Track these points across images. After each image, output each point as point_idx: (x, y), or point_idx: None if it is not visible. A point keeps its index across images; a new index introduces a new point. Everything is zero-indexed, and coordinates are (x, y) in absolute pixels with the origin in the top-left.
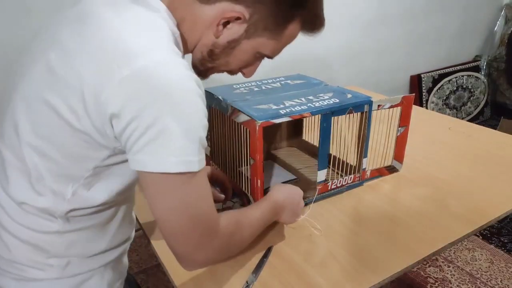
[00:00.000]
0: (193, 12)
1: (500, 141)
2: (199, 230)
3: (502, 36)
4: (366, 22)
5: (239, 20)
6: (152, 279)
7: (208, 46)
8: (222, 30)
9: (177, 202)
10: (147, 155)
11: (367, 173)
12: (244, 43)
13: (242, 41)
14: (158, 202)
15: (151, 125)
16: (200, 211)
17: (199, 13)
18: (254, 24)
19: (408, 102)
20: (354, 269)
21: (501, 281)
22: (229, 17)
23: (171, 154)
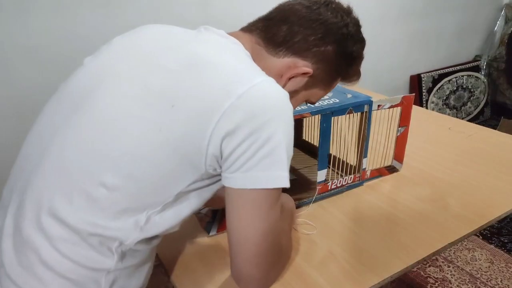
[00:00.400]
0: (260, 59)
1: (500, 141)
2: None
3: (502, 36)
4: (366, 22)
5: (304, 74)
6: (153, 279)
7: None
8: (287, 82)
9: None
10: (261, 171)
11: (367, 173)
12: (301, 93)
13: (301, 92)
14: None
15: (267, 140)
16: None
17: (267, 63)
18: (314, 77)
19: (408, 102)
20: (354, 269)
21: (501, 281)
22: (297, 73)
23: (282, 169)
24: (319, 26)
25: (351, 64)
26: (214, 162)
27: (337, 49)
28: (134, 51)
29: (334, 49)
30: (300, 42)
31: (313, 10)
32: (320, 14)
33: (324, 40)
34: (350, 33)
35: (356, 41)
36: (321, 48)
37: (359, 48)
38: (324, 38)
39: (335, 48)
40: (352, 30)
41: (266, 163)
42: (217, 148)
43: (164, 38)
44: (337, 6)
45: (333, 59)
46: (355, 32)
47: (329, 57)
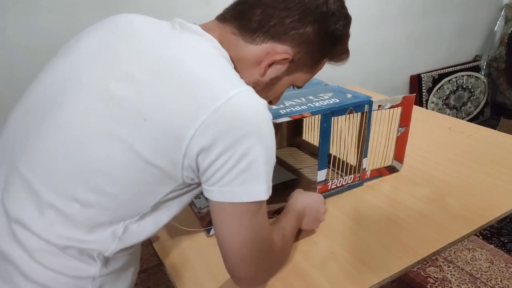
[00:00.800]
0: (237, 49)
1: (500, 141)
2: (262, 254)
3: (502, 36)
4: (366, 22)
5: (284, 60)
6: (153, 279)
7: (250, 83)
8: (267, 69)
9: (251, 230)
10: (237, 186)
11: (367, 173)
12: (284, 79)
13: (283, 78)
14: (234, 232)
15: (244, 155)
16: (265, 235)
17: (243, 52)
18: (296, 61)
19: (408, 102)
20: (354, 269)
21: (501, 281)
22: (276, 59)
23: (259, 183)
24: (295, 6)
25: (335, 43)
26: (191, 173)
27: (318, 29)
28: (100, 52)
29: (314, 30)
30: (276, 26)
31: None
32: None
33: (302, 21)
34: (331, 10)
35: (338, 18)
36: (299, 30)
37: (343, 25)
38: (302, 19)
39: (315, 29)
40: (332, 7)
41: (242, 178)
42: (193, 162)
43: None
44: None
45: (315, 40)
46: (337, 8)
47: (310, 39)
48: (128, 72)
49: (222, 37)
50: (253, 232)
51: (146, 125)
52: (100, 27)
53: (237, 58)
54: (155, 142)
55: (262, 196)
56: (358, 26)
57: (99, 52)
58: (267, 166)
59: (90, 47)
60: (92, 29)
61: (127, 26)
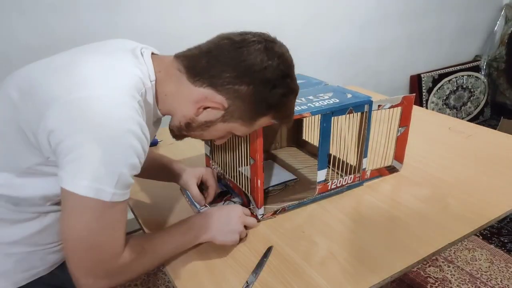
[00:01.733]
0: (178, 84)
1: (500, 141)
2: (94, 259)
3: (502, 36)
4: (366, 22)
5: (218, 108)
6: (153, 279)
7: (186, 118)
8: (202, 111)
9: (82, 224)
10: (65, 173)
11: (367, 173)
12: (219, 124)
13: (218, 123)
14: (65, 219)
15: (75, 147)
16: (102, 240)
17: (184, 88)
18: (230, 113)
19: (408, 102)
20: (354, 269)
21: (501, 281)
22: (209, 105)
23: (84, 178)
24: (236, 65)
25: (269, 108)
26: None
27: (254, 91)
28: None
29: (250, 91)
30: (215, 76)
31: (237, 48)
32: (241, 54)
33: (239, 80)
34: (267, 77)
35: (274, 86)
36: (235, 87)
37: (279, 94)
38: (239, 78)
39: (251, 90)
40: (270, 75)
41: (71, 167)
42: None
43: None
44: (268, 46)
45: (249, 100)
46: (276, 77)
47: (245, 97)
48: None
49: (166, 68)
50: (84, 230)
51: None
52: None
53: (177, 91)
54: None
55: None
56: (358, 26)
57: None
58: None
59: None
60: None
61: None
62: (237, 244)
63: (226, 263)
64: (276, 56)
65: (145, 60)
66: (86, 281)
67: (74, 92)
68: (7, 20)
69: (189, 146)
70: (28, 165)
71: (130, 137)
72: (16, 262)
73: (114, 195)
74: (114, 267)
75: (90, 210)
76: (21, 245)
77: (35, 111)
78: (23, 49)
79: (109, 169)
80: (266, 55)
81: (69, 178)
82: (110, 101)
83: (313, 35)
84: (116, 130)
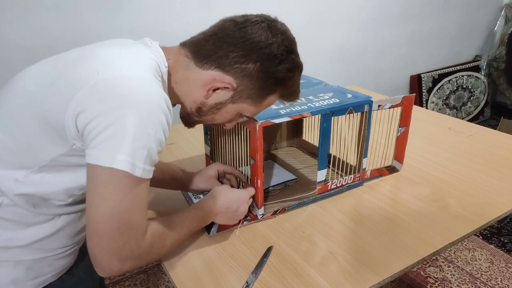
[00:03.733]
0: (187, 70)
1: (500, 141)
2: (122, 238)
3: (502, 36)
4: (366, 22)
5: (227, 88)
6: (153, 279)
7: (197, 103)
8: (211, 94)
9: (115, 202)
10: (101, 150)
11: (367, 173)
12: (229, 106)
13: (228, 105)
14: (95, 197)
15: (110, 124)
16: (132, 218)
17: (192, 73)
18: (239, 92)
19: (408, 102)
20: (354, 269)
21: (501, 281)
22: (219, 86)
23: (121, 152)
24: (242, 43)
25: (277, 84)
26: (76, 139)
27: (260, 67)
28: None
29: (257, 68)
30: (222, 57)
31: (241, 28)
32: (246, 32)
33: (246, 58)
34: (273, 53)
35: (281, 61)
36: (242, 65)
37: (285, 69)
38: (245, 56)
39: (257, 67)
40: (276, 51)
41: (107, 144)
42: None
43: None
44: (270, 24)
45: (257, 77)
46: (281, 52)
47: (252, 75)
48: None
49: (175, 56)
50: (116, 208)
51: (51, 89)
52: None
53: (185, 77)
54: (50, 104)
55: (121, 165)
56: (358, 26)
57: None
58: (138, 143)
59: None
60: None
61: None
62: None
63: (226, 263)
64: (279, 32)
65: (156, 48)
66: (110, 263)
67: (102, 73)
68: (7, 20)
69: (189, 146)
70: (51, 157)
71: (160, 112)
72: (27, 269)
73: (144, 171)
74: (140, 248)
75: (123, 186)
76: (32, 250)
77: (61, 98)
78: (23, 49)
79: (141, 143)
80: (270, 32)
81: (106, 155)
82: (138, 78)
83: (314, 35)
84: (149, 105)
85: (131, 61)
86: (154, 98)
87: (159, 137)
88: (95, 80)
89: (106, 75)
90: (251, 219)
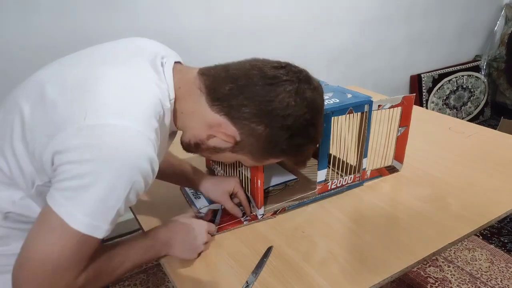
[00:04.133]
0: (196, 103)
1: (500, 141)
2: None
3: (502, 36)
4: (366, 22)
5: (229, 141)
6: (153, 279)
7: (196, 139)
8: (212, 137)
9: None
10: (62, 197)
11: (367, 173)
12: (228, 153)
13: (227, 152)
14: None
15: (82, 175)
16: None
17: (201, 109)
18: (241, 146)
19: (408, 102)
20: (354, 269)
21: (501, 281)
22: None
23: (83, 212)
24: (259, 103)
25: (283, 153)
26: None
27: (270, 134)
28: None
29: (266, 133)
30: (234, 107)
31: (268, 83)
32: (270, 91)
33: (258, 119)
34: (287, 125)
35: (292, 135)
36: (251, 124)
37: (295, 144)
38: (258, 116)
39: (268, 132)
40: (292, 124)
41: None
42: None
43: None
44: (300, 90)
45: (264, 141)
46: (297, 126)
47: (259, 137)
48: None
49: (187, 86)
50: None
51: (44, 118)
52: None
53: (193, 110)
54: (39, 132)
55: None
56: (358, 26)
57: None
58: (106, 205)
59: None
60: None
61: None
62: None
63: (226, 263)
64: (306, 102)
65: (166, 75)
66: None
67: (89, 118)
68: (6, 20)
69: None
70: (38, 184)
71: (137, 174)
72: None
73: (102, 231)
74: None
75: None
76: None
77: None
78: (23, 49)
79: (110, 205)
80: (294, 100)
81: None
82: (124, 133)
83: (314, 35)
84: (124, 165)
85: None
86: (133, 159)
87: (130, 198)
88: (80, 125)
89: (92, 121)
90: (251, 219)
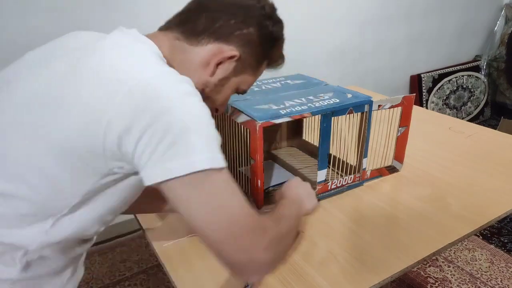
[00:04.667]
0: (183, 53)
1: (500, 141)
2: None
3: (502, 36)
4: (366, 22)
5: (231, 59)
6: (153, 279)
7: (200, 85)
8: (216, 70)
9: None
10: (169, 161)
11: (367, 173)
12: (232, 80)
13: (231, 78)
14: (193, 210)
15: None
16: (237, 209)
17: (189, 55)
18: (242, 62)
19: (408, 102)
20: (354, 269)
21: (501, 281)
22: (223, 57)
23: (194, 153)
24: (239, 9)
25: (273, 45)
26: (116, 161)
27: (259, 31)
28: (38, 57)
29: (256, 31)
30: (222, 27)
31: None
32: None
33: (246, 23)
34: (268, 14)
35: (275, 22)
36: (243, 31)
37: (279, 28)
38: (245, 21)
39: (257, 30)
40: (269, 11)
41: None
42: (115, 147)
43: (67, 43)
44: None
45: (257, 41)
46: (272, 13)
47: (253, 40)
48: (51, 68)
49: (166, 42)
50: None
51: (60, 114)
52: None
53: (183, 61)
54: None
55: (203, 165)
56: (358, 26)
57: (38, 57)
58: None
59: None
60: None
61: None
62: None
63: None
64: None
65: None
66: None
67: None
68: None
69: None
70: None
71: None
72: None
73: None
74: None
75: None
76: None
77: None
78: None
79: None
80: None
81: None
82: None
83: (313, 35)
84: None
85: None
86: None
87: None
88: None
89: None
90: None
